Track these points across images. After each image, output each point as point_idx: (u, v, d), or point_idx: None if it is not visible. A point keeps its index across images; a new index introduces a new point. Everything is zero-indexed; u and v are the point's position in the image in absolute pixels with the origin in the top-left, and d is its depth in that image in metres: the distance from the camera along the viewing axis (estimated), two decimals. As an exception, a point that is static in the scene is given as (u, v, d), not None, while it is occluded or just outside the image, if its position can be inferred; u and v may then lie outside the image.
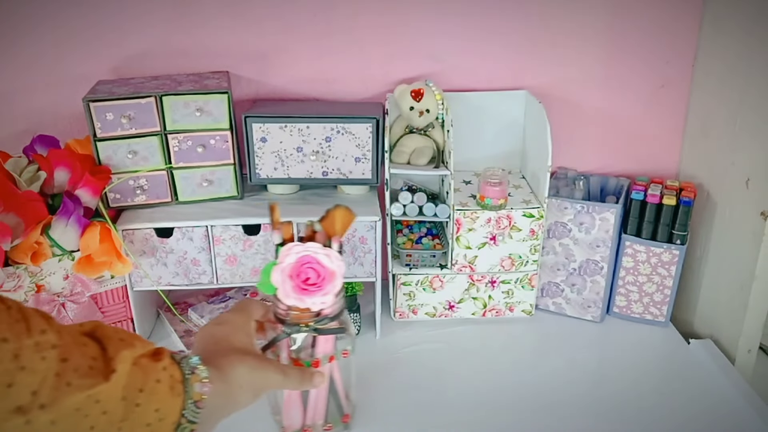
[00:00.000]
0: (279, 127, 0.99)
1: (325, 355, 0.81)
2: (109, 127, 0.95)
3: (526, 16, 1.10)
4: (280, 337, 0.78)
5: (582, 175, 1.15)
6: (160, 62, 1.07)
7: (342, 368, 0.85)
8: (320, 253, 0.74)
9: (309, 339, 0.79)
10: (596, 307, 1.11)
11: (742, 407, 0.92)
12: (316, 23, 1.08)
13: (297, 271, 0.74)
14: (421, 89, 1.02)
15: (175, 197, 1.02)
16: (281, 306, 0.77)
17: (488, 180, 1.02)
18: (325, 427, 0.87)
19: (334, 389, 0.86)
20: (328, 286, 0.75)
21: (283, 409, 0.85)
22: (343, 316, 0.80)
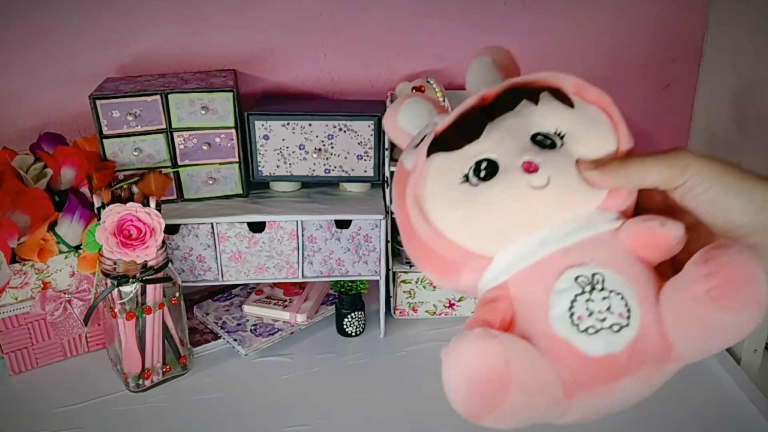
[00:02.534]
0: (281, 124, 0.99)
1: (155, 303, 0.92)
2: (116, 125, 0.96)
3: (531, 15, 1.10)
4: (109, 290, 0.89)
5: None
6: (167, 60, 1.08)
7: (173, 314, 0.96)
8: (141, 211, 0.86)
9: (138, 289, 0.90)
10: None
11: (747, 407, 0.91)
12: (321, 21, 1.09)
13: (119, 228, 0.85)
14: (422, 86, 1.02)
15: (181, 195, 1.03)
16: (107, 261, 0.88)
17: None
18: (164, 368, 0.96)
19: (168, 334, 0.96)
20: (150, 240, 0.86)
21: (123, 358, 0.92)
22: (167, 267, 0.92)
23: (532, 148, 0.48)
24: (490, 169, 0.48)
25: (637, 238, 0.48)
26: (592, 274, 0.46)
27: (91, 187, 0.93)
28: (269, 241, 1.00)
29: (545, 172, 0.46)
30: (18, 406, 0.92)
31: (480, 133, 0.49)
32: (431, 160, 0.49)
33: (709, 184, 0.46)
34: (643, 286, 0.46)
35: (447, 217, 0.48)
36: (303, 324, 1.07)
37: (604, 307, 0.45)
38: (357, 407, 0.92)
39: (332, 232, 1.00)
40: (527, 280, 0.48)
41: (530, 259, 0.48)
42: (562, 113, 0.50)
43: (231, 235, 0.99)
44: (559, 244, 0.47)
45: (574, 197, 0.48)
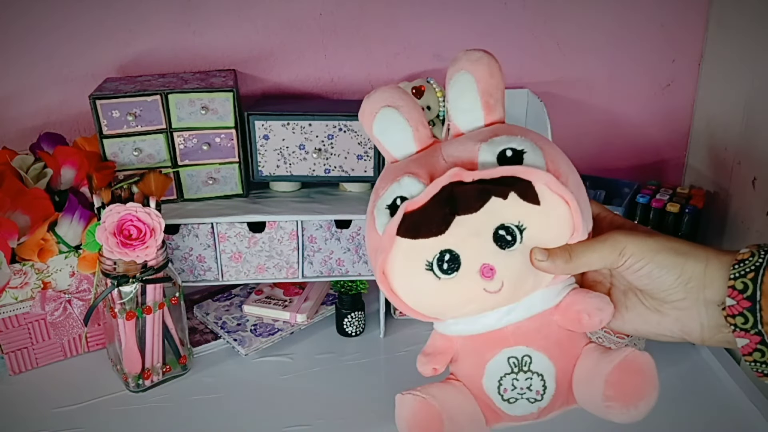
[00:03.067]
0: (281, 124, 0.99)
1: (155, 303, 0.92)
2: (116, 125, 0.96)
3: (531, 14, 1.10)
4: (109, 290, 0.89)
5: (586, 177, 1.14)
6: (167, 60, 1.08)
7: (173, 314, 0.95)
8: (140, 211, 0.85)
9: (138, 289, 0.90)
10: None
11: (747, 407, 0.91)
12: (321, 21, 1.09)
13: (119, 228, 0.85)
14: (422, 86, 1.02)
15: (180, 195, 1.03)
16: (107, 261, 0.88)
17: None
18: (163, 369, 0.96)
19: (168, 334, 0.96)
20: (150, 240, 0.86)
21: (123, 358, 0.92)
22: (168, 267, 0.91)
23: (492, 250, 0.55)
24: (453, 264, 0.55)
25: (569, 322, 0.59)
26: (522, 356, 0.59)
27: (91, 187, 0.94)
28: (269, 241, 1.00)
29: (500, 279, 0.55)
30: (18, 406, 0.92)
31: (446, 228, 0.54)
32: (399, 243, 0.56)
33: (645, 262, 0.54)
34: (565, 361, 0.59)
35: (411, 297, 0.58)
36: (303, 324, 1.07)
37: (526, 386, 0.59)
38: (357, 407, 0.92)
39: (332, 232, 1.00)
40: (470, 346, 0.61)
41: (476, 330, 0.60)
42: (526, 209, 0.55)
43: (231, 235, 0.99)
44: (502, 323, 0.59)
45: (523, 294, 0.58)
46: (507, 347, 0.59)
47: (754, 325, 0.50)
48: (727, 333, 0.53)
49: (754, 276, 0.50)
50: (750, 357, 0.51)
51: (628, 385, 0.55)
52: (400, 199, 0.56)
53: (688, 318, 0.55)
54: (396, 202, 0.57)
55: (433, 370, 0.63)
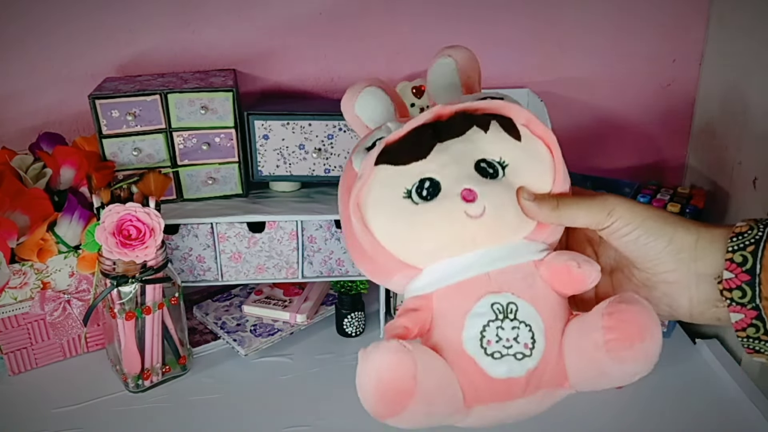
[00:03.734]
0: (281, 124, 0.99)
1: (154, 303, 0.91)
2: (115, 125, 0.96)
3: (532, 13, 1.10)
4: (108, 290, 0.89)
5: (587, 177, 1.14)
6: (167, 60, 1.08)
7: (173, 314, 0.95)
8: (140, 211, 0.85)
9: (138, 289, 0.90)
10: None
11: (747, 407, 0.91)
12: (321, 21, 1.08)
13: (119, 228, 0.85)
14: (422, 86, 1.02)
15: (180, 195, 1.03)
16: (107, 262, 0.88)
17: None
18: (163, 369, 0.96)
19: (168, 334, 0.96)
20: (149, 240, 0.85)
21: (122, 359, 0.92)
22: (167, 267, 0.91)
23: (474, 176, 0.52)
24: (432, 190, 0.52)
25: (555, 274, 0.53)
26: (507, 303, 0.51)
27: (91, 187, 0.93)
28: (269, 241, 1.00)
29: (482, 203, 0.51)
30: (17, 406, 0.92)
31: (428, 153, 0.52)
32: (378, 171, 0.52)
33: (633, 227, 0.51)
34: (552, 319, 0.52)
35: (385, 228, 0.52)
36: (303, 324, 1.07)
37: (512, 336, 0.50)
38: (357, 408, 0.92)
39: (332, 232, 1.00)
40: (449, 297, 0.52)
41: (455, 278, 0.52)
42: (509, 144, 0.53)
43: (231, 235, 0.98)
44: (484, 269, 0.52)
45: (505, 229, 0.53)
46: (490, 293, 0.52)
47: (751, 299, 0.48)
48: (719, 309, 0.51)
49: (754, 249, 0.48)
50: (743, 333, 0.50)
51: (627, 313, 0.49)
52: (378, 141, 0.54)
53: (677, 292, 0.52)
54: (376, 144, 0.54)
55: (404, 329, 0.52)
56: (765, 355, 0.51)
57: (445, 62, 0.60)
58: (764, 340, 0.50)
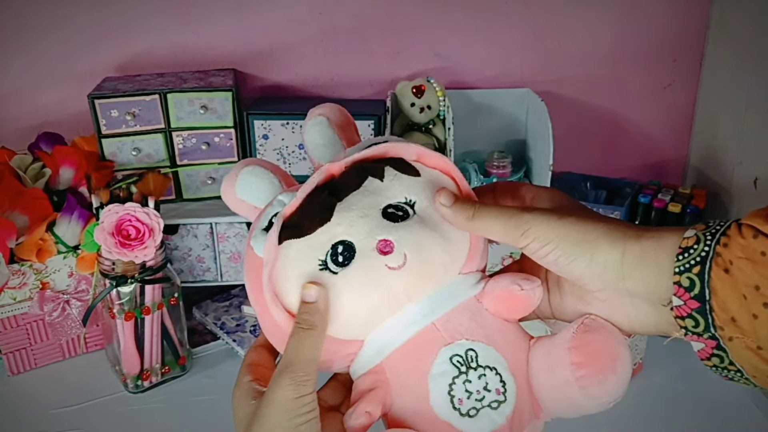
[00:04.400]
0: (281, 124, 0.99)
1: (153, 303, 0.91)
2: (114, 124, 0.96)
3: (532, 14, 1.10)
4: (107, 290, 0.88)
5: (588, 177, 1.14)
6: (166, 60, 1.08)
7: (172, 315, 0.95)
8: (139, 211, 0.85)
9: (137, 290, 0.90)
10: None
11: (747, 407, 0.91)
12: (321, 21, 1.08)
13: (118, 228, 0.84)
14: (422, 85, 1.02)
15: (179, 195, 1.02)
16: (106, 262, 0.87)
17: (493, 162, 1.06)
18: (162, 369, 0.95)
19: (167, 335, 0.95)
20: (149, 240, 0.85)
21: (121, 359, 0.91)
22: (166, 267, 0.91)
23: (384, 225, 0.47)
24: (348, 253, 0.47)
25: (500, 302, 0.49)
26: (466, 352, 0.47)
27: (90, 186, 0.93)
28: (269, 242, 0.99)
29: (400, 250, 0.46)
30: (16, 406, 0.91)
31: (331, 215, 0.47)
32: (284, 249, 0.47)
33: (550, 248, 0.46)
34: (513, 352, 0.48)
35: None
36: (302, 324, 1.06)
37: (482, 386, 0.46)
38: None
39: (332, 233, 1.00)
40: (403, 361, 0.48)
41: (402, 338, 0.48)
42: (409, 182, 0.49)
43: (230, 235, 0.98)
44: (428, 320, 0.47)
45: (434, 270, 0.48)
46: (444, 346, 0.47)
47: (706, 329, 0.43)
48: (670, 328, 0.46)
49: (700, 270, 0.42)
50: (709, 362, 0.45)
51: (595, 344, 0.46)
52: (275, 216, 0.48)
53: (612, 310, 0.47)
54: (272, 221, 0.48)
55: (367, 415, 0.47)
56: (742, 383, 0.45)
57: (317, 121, 0.54)
58: (732, 370, 0.44)
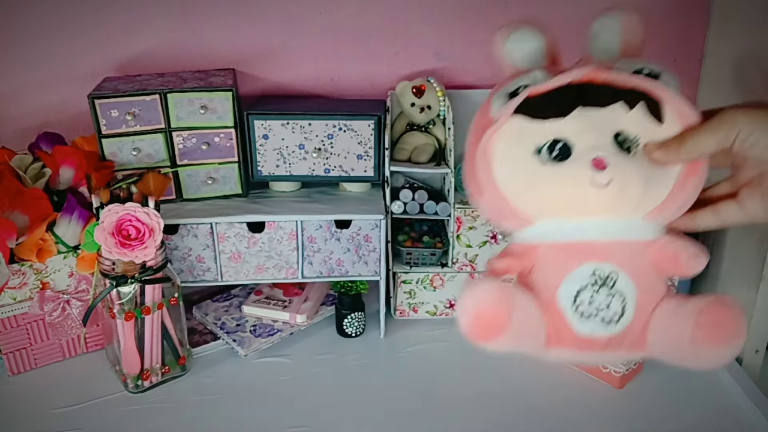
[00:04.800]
0: (281, 124, 0.99)
1: (154, 303, 0.91)
2: (114, 124, 0.96)
3: (532, 13, 1.10)
4: (108, 290, 0.88)
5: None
6: (166, 60, 1.08)
7: (172, 315, 0.95)
8: (139, 211, 0.85)
9: (137, 290, 0.90)
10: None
11: (748, 407, 0.91)
12: (321, 21, 1.08)
13: (118, 228, 0.84)
14: (422, 85, 1.02)
15: (180, 195, 1.02)
16: (106, 262, 0.87)
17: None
18: (162, 369, 0.95)
19: (167, 334, 0.95)
20: (149, 240, 0.85)
21: (121, 359, 0.92)
22: (166, 267, 0.91)
23: (609, 148, 0.53)
24: (563, 152, 0.54)
25: (664, 258, 0.56)
26: (609, 273, 0.54)
27: (90, 186, 0.93)
28: (269, 242, 0.99)
29: (610, 173, 0.52)
30: (17, 406, 0.91)
31: (567, 113, 0.54)
32: (514, 120, 0.55)
33: (760, 134, 0.51)
34: (647, 294, 0.55)
35: (509, 178, 0.55)
36: (303, 325, 1.06)
37: (604, 304, 0.54)
38: (357, 408, 0.92)
39: (332, 232, 1.00)
40: (556, 253, 0.56)
41: (565, 238, 0.56)
42: (650, 126, 0.54)
43: (230, 235, 0.98)
44: (595, 236, 0.55)
45: (626, 204, 0.54)
46: (595, 260, 0.55)
47: None
48: None
49: None
50: None
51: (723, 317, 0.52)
52: (523, 88, 0.55)
53: None
54: (518, 90, 0.56)
55: (506, 266, 0.57)
56: None
57: (609, 21, 0.60)
58: None
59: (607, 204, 0.54)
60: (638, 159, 0.54)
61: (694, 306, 0.53)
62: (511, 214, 0.57)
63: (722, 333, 0.52)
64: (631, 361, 0.94)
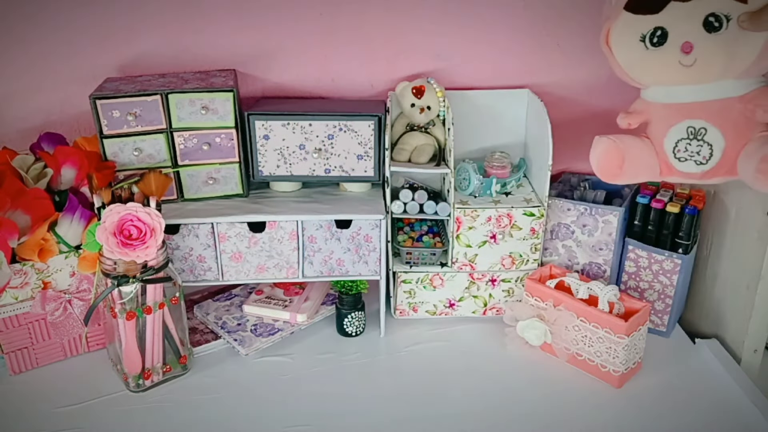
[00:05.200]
0: (282, 124, 0.99)
1: (155, 303, 0.91)
2: (116, 125, 0.96)
3: (531, 15, 1.10)
4: (109, 290, 0.88)
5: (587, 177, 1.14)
6: (168, 60, 1.08)
7: (173, 314, 0.95)
8: (141, 211, 0.85)
9: (138, 289, 0.90)
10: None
11: (747, 406, 0.91)
12: (322, 22, 1.08)
13: (120, 228, 0.85)
14: (422, 86, 1.02)
15: (181, 195, 1.03)
16: (107, 261, 0.87)
17: (493, 163, 1.07)
18: (164, 368, 0.95)
19: (169, 334, 0.95)
20: (150, 240, 0.85)
21: (123, 358, 0.92)
22: (168, 267, 0.91)
23: (698, 32, 0.79)
24: (661, 39, 0.81)
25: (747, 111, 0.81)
26: (699, 128, 0.84)
27: (92, 187, 0.94)
28: (269, 241, 1.00)
29: (694, 56, 0.80)
30: (18, 405, 0.92)
31: (660, 9, 0.80)
32: (624, 15, 0.84)
33: None
34: (735, 140, 0.83)
35: (624, 57, 0.87)
36: (303, 324, 1.07)
37: (696, 151, 0.86)
38: (357, 407, 0.92)
39: (332, 232, 1.00)
40: (662, 112, 0.88)
41: (668, 100, 0.87)
42: (734, 4, 0.77)
43: (231, 235, 0.99)
44: (691, 99, 0.84)
45: (710, 76, 0.81)
46: (689, 119, 0.84)
47: None
48: None
49: None
50: None
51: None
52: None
53: None
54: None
55: (628, 124, 0.91)
56: None
57: None
58: None
59: (692, 78, 0.82)
60: (726, 35, 0.78)
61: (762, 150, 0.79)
62: (630, 80, 0.89)
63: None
64: (630, 361, 0.94)
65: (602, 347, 0.94)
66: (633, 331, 0.93)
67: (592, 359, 0.96)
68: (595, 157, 0.91)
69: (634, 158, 0.88)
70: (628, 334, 0.92)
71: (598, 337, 0.94)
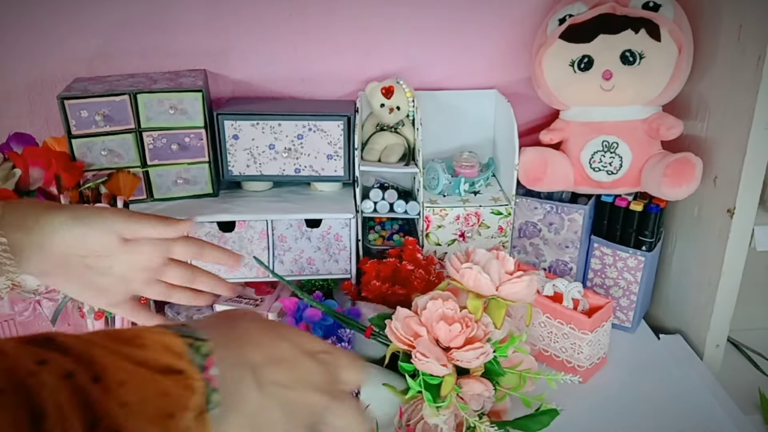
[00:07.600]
0: (251, 124, 1.00)
1: None
2: (84, 125, 0.96)
3: (499, 16, 1.12)
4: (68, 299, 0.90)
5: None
6: (137, 60, 1.08)
7: None
8: None
9: None
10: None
11: (709, 401, 0.93)
12: (291, 22, 1.09)
13: None
14: (391, 86, 1.03)
15: (150, 195, 1.03)
16: None
17: (462, 163, 1.09)
18: None
19: None
20: None
21: None
22: None
23: (616, 63, 0.94)
24: (587, 65, 0.95)
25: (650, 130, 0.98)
26: (612, 142, 0.98)
27: (59, 187, 0.93)
28: (239, 241, 1.00)
29: (613, 82, 0.94)
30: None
31: (593, 38, 0.94)
32: (557, 43, 0.97)
33: None
34: (640, 156, 0.99)
35: (553, 80, 1.00)
36: (274, 323, 1.07)
37: (609, 162, 0.99)
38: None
39: (302, 231, 1.01)
40: (580, 129, 1.01)
41: (587, 118, 1.00)
42: (650, 44, 0.93)
43: (201, 234, 0.99)
44: (606, 118, 0.99)
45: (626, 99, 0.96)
46: (604, 134, 0.99)
47: None
48: None
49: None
50: None
51: (680, 169, 0.93)
52: (569, 16, 0.98)
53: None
54: (565, 18, 0.98)
55: (549, 139, 1.03)
56: None
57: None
58: None
59: (611, 100, 0.96)
60: (638, 69, 0.93)
61: (665, 161, 0.94)
62: (555, 100, 1.01)
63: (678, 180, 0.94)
64: (595, 356, 0.96)
65: (567, 343, 0.96)
66: (597, 327, 0.94)
67: (558, 355, 0.98)
68: (522, 163, 1.01)
69: (556, 167, 1.00)
70: (592, 330, 0.93)
71: (563, 333, 0.96)
